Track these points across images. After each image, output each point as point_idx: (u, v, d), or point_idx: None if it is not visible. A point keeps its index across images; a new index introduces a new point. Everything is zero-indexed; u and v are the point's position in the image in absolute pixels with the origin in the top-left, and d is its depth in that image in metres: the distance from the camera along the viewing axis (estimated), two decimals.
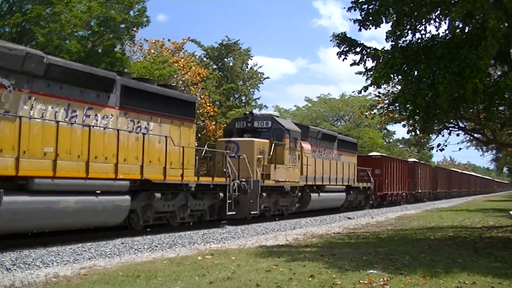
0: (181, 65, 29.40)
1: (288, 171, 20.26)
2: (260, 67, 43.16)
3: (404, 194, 38.86)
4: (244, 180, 17.81)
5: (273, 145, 19.47)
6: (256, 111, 28.86)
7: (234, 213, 17.09)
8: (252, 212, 18.06)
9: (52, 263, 9.41)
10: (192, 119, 16.12)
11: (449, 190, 58.79)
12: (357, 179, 28.76)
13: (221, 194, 16.70)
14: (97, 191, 12.36)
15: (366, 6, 12.25)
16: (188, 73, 29.07)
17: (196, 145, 18.90)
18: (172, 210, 15.09)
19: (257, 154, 18.68)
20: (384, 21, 12.18)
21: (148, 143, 14.07)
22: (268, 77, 50.73)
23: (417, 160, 46.88)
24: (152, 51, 31.60)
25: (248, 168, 17.95)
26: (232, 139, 19.36)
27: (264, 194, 18.78)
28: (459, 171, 75.46)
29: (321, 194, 23.50)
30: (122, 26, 23.51)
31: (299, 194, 21.74)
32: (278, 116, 21.70)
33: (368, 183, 30.74)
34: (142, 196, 13.92)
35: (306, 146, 22.38)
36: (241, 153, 18.17)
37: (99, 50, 23.46)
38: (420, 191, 43.72)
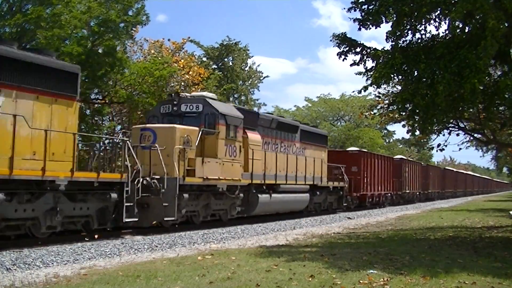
0: (181, 65, 29.41)
1: (224, 167, 16.27)
2: (258, 65, 43.28)
3: (389, 194, 35.02)
4: (158, 177, 14.13)
5: (200, 133, 15.50)
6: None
7: (135, 219, 13.28)
8: (167, 219, 14.28)
9: (52, 263, 9.42)
10: (72, 96, 12.29)
11: (442, 191, 54.44)
12: (327, 178, 24.70)
13: (114, 195, 12.77)
14: None
15: (366, 6, 12.27)
16: (189, 73, 29.06)
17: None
18: (32, 216, 11.23)
19: (179, 145, 14.79)
20: (384, 21, 12.20)
21: None
22: (267, 76, 50.78)
23: (404, 157, 42.25)
24: (152, 51, 31.63)
25: (162, 161, 13.99)
26: (148, 125, 15.74)
27: (186, 195, 14.85)
28: (454, 170, 70.52)
29: (274, 195, 19.36)
30: (122, 25, 23.51)
31: (241, 195, 17.54)
32: (214, 99, 17.43)
33: (341, 182, 26.47)
34: None
35: (254, 136, 18.43)
36: (158, 143, 14.49)
37: (100, 51, 23.46)
38: (408, 191, 39.69)
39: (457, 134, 19.22)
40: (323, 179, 24.12)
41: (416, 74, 11.95)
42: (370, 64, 12.84)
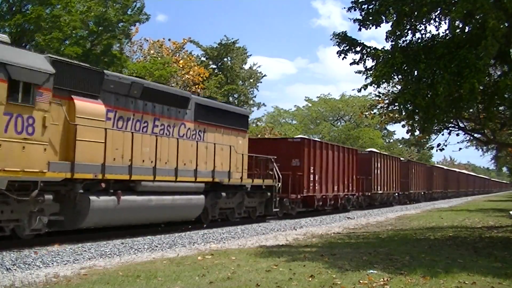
0: (181, 65, 29.45)
1: (1, 150, 10.06)
2: (259, 66, 43.37)
3: (353, 196, 28.35)
4: None
5: None
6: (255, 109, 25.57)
7: None
8: None
9: (52, 263, 9.41)
10: None
11: (429, 191, 47.18)
12: (243, 173, 18.09)
13: None
14: None
15: (366, 6, 12.27)
16: (190, 73, 29.09)
17: None
18: None
19: None
20: (384, 21, 12.20)
21: None
22: (265, 75, 50.79)
23: (375, 150, 34.42)
24: (152, 51, 31.68)
25: None
26: None
27: None
28: (445, 167, 62.35)
29: (126, 197, 12.87)
30: (121, 24, 23.55)
31: (49, 197, 11.17)
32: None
33: (269, 179, 19.32)
34: None
35: (88, 105, 12.21)
36: None
37: (99, 50, 23.51)
38: (380, 191, 32.44)
39: (457, 134, 19.23)
40: (234, 174, 17.36)
41: (416, 74, 11.95)
42: (370, 63, 12.87)
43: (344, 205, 27.19)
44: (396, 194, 36.69)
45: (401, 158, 41.15)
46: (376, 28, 12.39)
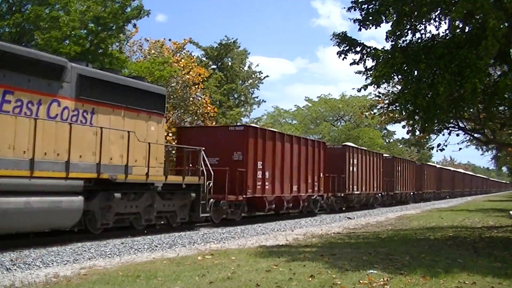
0: (182, 65, 29.43)
1: None
2: (257, 65, 43.34)
3: (322, 197, 23.96)
4: None
5: None
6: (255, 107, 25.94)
7: None
8: None
9: (52, 263, 9.41)
10: None
11: (419, 191, 43.04)
12: (161, 169, 14.52)
13: None
14: None
15: (366, 6, 12.28)
16: (190, 73, 29.06)
17: None
18: None
19: None
20: (384, 21, 12.21)
21: None
22: (267, 76, 50.85)
23: (351, 145, 29.57)
24: (153, 51, 31.65)
25: None
26: None
27: None
28: (438, 166, 57.73)
29: None
30: (120, 22, 23.51)
31: None
32: None
33: (193, 176, 15.49)
34: None
35: None
36: None
37: (93, 48, 23.49)
38: (357, 192, 28.14)
39: (457, 134, 19.24)
40: (135, 169, 13.55)
41: (416, 74, 11.96)
42: (370, 63, 12.87)
43: (308, 207, 22.97)
44: (379, 194, 32.59)
45: (385, 155, 36.35)
46: (376, 28, 12.39)
